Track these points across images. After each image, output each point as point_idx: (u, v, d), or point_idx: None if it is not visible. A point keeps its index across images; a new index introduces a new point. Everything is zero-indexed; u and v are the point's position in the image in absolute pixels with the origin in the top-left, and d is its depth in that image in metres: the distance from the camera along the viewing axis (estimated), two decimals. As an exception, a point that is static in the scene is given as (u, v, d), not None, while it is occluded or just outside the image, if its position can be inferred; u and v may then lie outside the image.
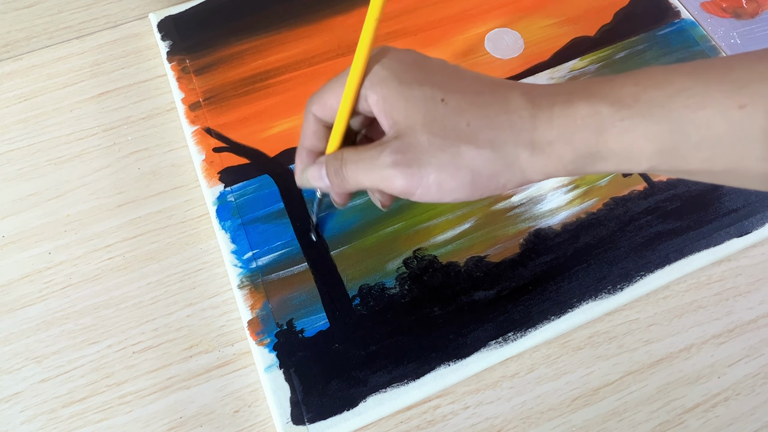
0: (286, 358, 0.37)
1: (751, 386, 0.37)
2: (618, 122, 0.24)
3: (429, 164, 0.26)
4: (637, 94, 0.24)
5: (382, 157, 0.27)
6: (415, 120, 0.26)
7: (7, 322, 0.39)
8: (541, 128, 0.25)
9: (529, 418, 0.37)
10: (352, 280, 0.40)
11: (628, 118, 0.24)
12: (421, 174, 0.26)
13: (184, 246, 0.42)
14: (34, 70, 0.50)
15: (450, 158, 0.26)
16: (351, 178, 0.29)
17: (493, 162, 0.26)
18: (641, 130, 0.24)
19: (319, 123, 0.31)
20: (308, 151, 0.32)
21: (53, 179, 0.45)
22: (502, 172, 0.26)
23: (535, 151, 0.25)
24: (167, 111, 0.48)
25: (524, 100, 0.26)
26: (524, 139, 0.25)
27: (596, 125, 0.24)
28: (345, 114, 0.29)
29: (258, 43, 0.50)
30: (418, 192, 0.27)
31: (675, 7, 0.51)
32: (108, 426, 0.36)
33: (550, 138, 0.25)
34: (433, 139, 0.26)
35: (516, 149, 0.26)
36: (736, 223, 0.41)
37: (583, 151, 0.25)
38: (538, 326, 0.38)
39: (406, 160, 0.26)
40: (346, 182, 0.29)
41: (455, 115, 0.26)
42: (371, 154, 0.28)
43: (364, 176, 0.28)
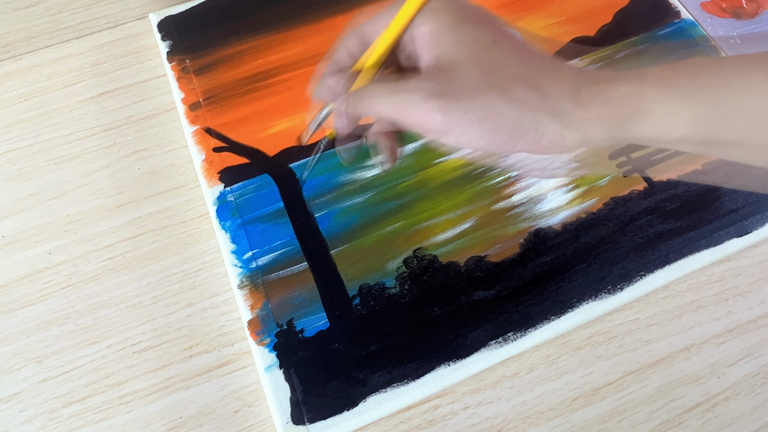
0: (286, 358, 0.37)
1: (751, 386, 0.37)
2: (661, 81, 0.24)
3: (476, 99, 0.25)
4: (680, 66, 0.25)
5: (424, 87, 0.25)
6: (465, 55, 0.26)
7: (7, 322, 0.39)
8: (585, 82, 0.25)
9: (529, 418, 0.37)
10: (352, 279, 0.40)
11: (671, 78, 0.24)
12: (466, 108, 0.24)
13: (184, 246, 0.42)
14: (34, 70, 0.50)
15: (499, 94, 0.25)
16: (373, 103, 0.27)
17: (540, 105, 0.25)
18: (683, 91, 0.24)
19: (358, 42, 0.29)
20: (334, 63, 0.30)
21: (53, 179, 0.45)
22: (545, 120, 0.25)
23: (577, 102, 0.25)
24: (167, 111, 0.48)
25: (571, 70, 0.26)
26: (570, 87, 0.25)
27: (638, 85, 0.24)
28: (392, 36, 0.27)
29: (258, 43, 0.50)
30: (457, 130, 0.25)
31: (675, 7, 0.51)
32: (108, 426, 0.36)
33: (592, 92, 0.25)
34: (483, 74, 0.25)
35: (561, 96, 0.25)
36: (736, 223, 0.41)
37: (622, 109, 0.25)
38: (538, 326, 0.38)
39: (453, 91, 0.25)
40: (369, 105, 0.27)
41: (505, 57, 0.26)
42: (407, 85, 0.26)
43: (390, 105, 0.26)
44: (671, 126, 0.24)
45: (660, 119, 0.24)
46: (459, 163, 0.44)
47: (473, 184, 0.43)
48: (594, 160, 0.44)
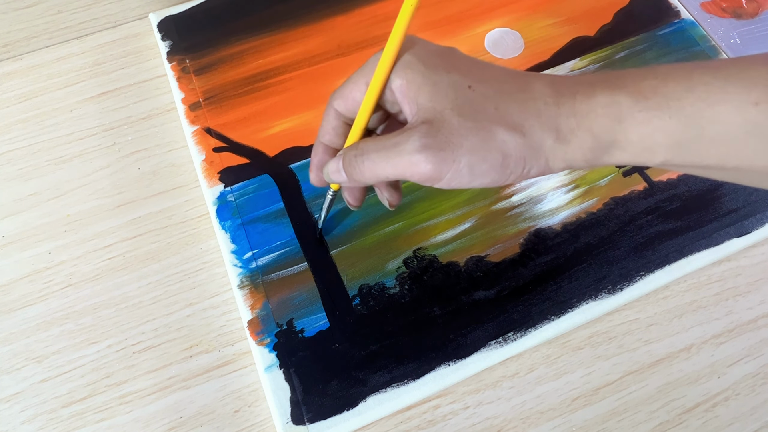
0: (286, 358, 0.37)
1: (751, 386, 0.37)
2: (636, 113, 0.24)
3: (461, 146, 0.26)
4: (656, 87, 0.25)
5: (410, 141, 0.26)
6: (444, 104, 0.26)
7: (7, 322, 0.39)
8: (564, 116, 0.26)
9: (529, 418, 0.37)
10: (352, 279, 0.40)
11: (646, 110, 0.24)
12: (453, 157, 0.26)
13: (184, 246, 0.42)
14: (34, 70, 0.50)
15: (482, 140, 0.26)
16: (369, 169, 0.28)
17: (522, 145, 0.26)
18: (658, 123, 0.24)
19: (339, 118, 0.31)
20: (325, 147, 0.32)
21: (53, 179, 0.45)
22: (529, 157, 0.26)
23: (558, 138, 0.26)
24: (167, 111, 0.48)
25: (548, 89, 0.26)
26: (550, 125, 0.26)
27: (615, 115, 0.25)
28: (371, 100, 0.29)
29: (258, 43, 0.50)
30: (447, 177, 0.26)
31: (675, 7, 0.51)
32: (108, 426, 0.36)
33: (572, 126, 0.26)
34: (464, 121, 0.26)
35: (542, 134, 0.26)
36: (736, 223, 0.41)
37: (602, 139, 0.25)
38: (538, 326, 0.38)
39: (437, 143, 0.26)
40: (363, 174, 0.29)
41: (483, 100, 0.26)
42: (395, 140, 0.27)
43: (385, 165, 0.27)
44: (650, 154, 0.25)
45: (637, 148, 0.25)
46: (459, 163, 0.44)
47: (473, 184, 0.43)
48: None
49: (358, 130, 0.30)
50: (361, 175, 0.29)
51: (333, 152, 0.32)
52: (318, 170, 0.33)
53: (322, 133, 0.32)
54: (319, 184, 0.34)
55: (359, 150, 0.29)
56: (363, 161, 0.28)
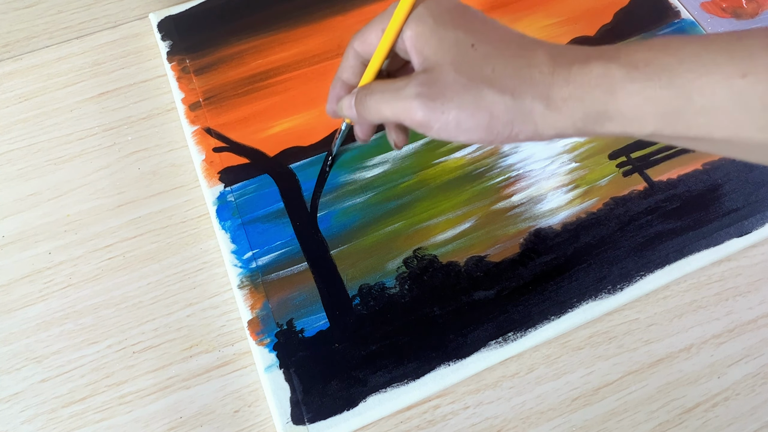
0: (286, 358, 0.37)
1: (751, 386, 0.37)
2: (628, 84, 0.25)
3: (451, 101, 0.27)
4: (649, 59, 0.25)
5: (408, 87, 0.28)
6: (444, 59, 0.28)
7: (7, 322, 0.39)
8: (557, 85, 0.26)
9: (529, 418, 0.37)
10: (352, 279, 0.40)
11: (638, 80, 0.25)
12: (442, 109, 0.27)
13: (184, 246, 0.42)
14: (34, 70, 0.50)
15: (472, 98, 0.27)
16: (374, 107, 0.31)
17: (511, 109, 0.27)
18: (648, 93, 0.25)
19: (357, 58, 0.33)
20: (343, 83, 0.35)
21: (53, 179, 0.45)
22: (517, 121, 0.27)
23: (549, 106, 0.27)
24: (167, 111, 0.48)
25: (547, 57, 0.27)
26: (541, 93, 0.27)
27: (607, 85, 0.26)
28: (385, 47, 0.31)
29: (258, 43, 0.50)
30: (436, 127, 0.28)
31: (675, 7, 0.51)
32: (108, 426, 0.36)
33: (564, 95, 0.26)
34: (459, 77, 0.27)
35: (533, 101, 0.27)
36: (736, 223, 0.41)
37: (592, 109, 0.26)
38: (538, 326, 0.38)
39: (431, 93, 0.28)
40: (369, 111, 0.31)
41: (482, 60, 0.28)
42: (397, 85, 0.29)
43: (386, 106, 0.30)
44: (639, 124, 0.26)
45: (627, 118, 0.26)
46: (459, 163, 0.44)
47: (473, 184, 0.43)
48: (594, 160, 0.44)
49: (371, 72, 0.33)
50: (367, 113, 0.31)
51: (349, 88, 0.34)
52: (333, 103, 0.35)
53: (340, 70, 0.34)
54: (333, 115, 0.36)
55: (368, 90, 0.31)
56: (369, 100, 0.31)
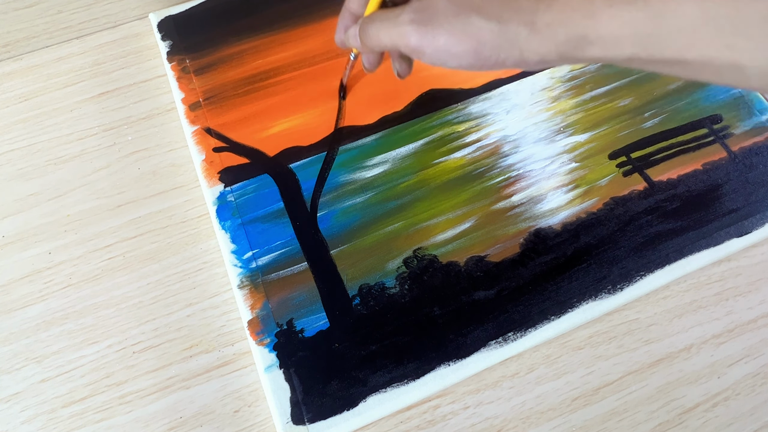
0: (286, 358, 0.37)
1: (751, 386, 0.37)
2: (607, 8, 0.26)
3: (441, 26, 0.29)
4: None
5: (403, 14, 0.31)
6: None
7: (7, 322, 0.39)
8: (541, 11, 0.28)
9: (529, 418, 0.37)
10: (351, 279, 0.40)
11: (616, 4, 0.26)
12: (433, 34, 0.29)
13: (184, 246, 0.42)
14: (34, 70, 0.50)
15: (460, 24, 0.29)
16: (374, 35, 0.33)
17: (497, 35, 0.28)
18: (626, 16, 0.26)
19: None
20: (350, 13, 0.37)
21: (53, 179, 0.45)
22: (503, 47, 0.29)
23: (532, 31, 0.28)
24: (167, 111, 0.48)
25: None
26: (526, 19, 0.28)
27: (587, 9, 0.27)
28: None
29: (258, 43, 0.50)
30: (428, 51, 0.30)
31: (675, 7, 0.51)
32: (108, 426, 0.37)
33: (547, 20, 0.28)
34: (449, 5, 0.29)
35: (518, 27, 0.28)
36: (736, 223, 0.41)
37: (573, 33, 0.27)
38: (538, 326, 0.38)
39: (422, 18, 0.30)
40: (370, 40, 0.33)
41: None
42: (395, 13, 0.31)
43: (385, 33, 0.32)
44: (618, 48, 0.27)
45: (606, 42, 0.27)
46: (459, 163, 0.44)
47: (473, 184, 0.43)
48: (594, 160, 0.44)
49: (375, 1, 0.35)
50: (368, 41, 0.33)
51: (355, 19, 0.36)
52: (341, 32, 0.38)
53: (348, 1, 0.37)
54: (341, 45, 0.38)
55: (369, 19, 0.33)
56: (370, 28, 0.33)
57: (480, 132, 0.45)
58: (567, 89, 0.47)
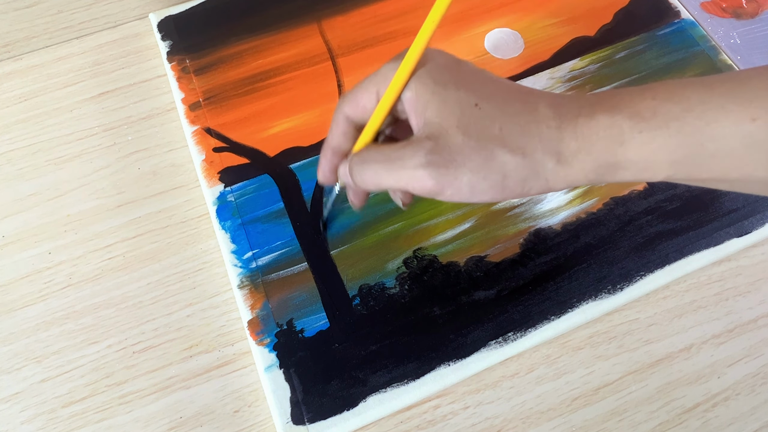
0: (286, 358, 0.37)
1: (751, 386, 0.37)
2: (636, 135, 0.25)
3: (463, 165, 0.27)
4: (655, 107, 0.25)
5: (415, 157, 0.27)
6: (450, 121, 0.27)
7: (7, 322, 0.39)
8: (566, 140, 0.26)
9: (529, 418, 0.37)
10: (352, 279, 0.40)
11: (646, 131, 0.25)
12: (455, 175, 0.27)
13: (184, 246, 0.42)
14: (34, 70, 0.50)
15: (484, 160, 0.27)
16: (372, 178, 0.29)
17: (523, 167, 0.27)
18: (658, 143, 0.25)
19: (349, 123, 0.31)
20: (333, 150, 0.32)
21: (53, 179, 0.45)
22: (529, 178, 0.27)
23: (559, 161, 0.27)
24: (167, 111, 0.48)
25: (551, 111, 0.27)
26: (551, 149, 0.26)
27: (616, 137, 0.26)
28: (383, 111, 0.29)
29: (258, 43, 0.50)
30: (449, 192, 0.27)
31: (675, 7, 0.51)
32: (108, 426, 0.37)
33: (573, 149, 0.26)
34: (468, 140, 0.27)
35: (543, 157, 0.27)
36: (736, 223, 0.41)
37: (603, 161, 0.26)
38: (538, 326, 0.38)
39: (441, 161, 0.27)
40: (366, 182, 0.30)
41: (488, 119, 0.27)
42: (399, 153, 0.28)
43: (388, 176, 0.28)
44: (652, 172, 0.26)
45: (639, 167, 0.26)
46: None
47: (473, 184, 0.43)
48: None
49: (367, 137, 0.31)
50: (363, 183, 0.30)
51: (342, 155, 0.32)
52: (326, 171, 0.33)
53: (330, 137, 0.32)
54: (325, 183, 0.34)
55: (363, 158, 0.29)
56: (366, 170, 0.29)
57: (480, 132, 0.45)
58: (567, 89, 0.47)
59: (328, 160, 0.33)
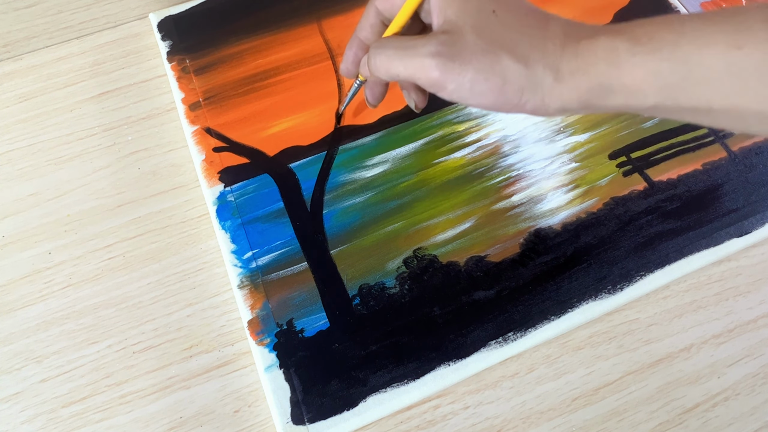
0: (286, 358, 0.37)
1: (751, 386, 0.37)
2: (631, 57, 0.26)
3: (469, 63, 0.28)
4: (652, 33, 0.26)
5: (427, 45, 0.29)
6: (466, 22, 0.29)
7: (7, 322, 0.39)
8: (567, 57, 0.28)
9: (529, 418, 0.37)
10: (351, 279, 0.40)
11: (640, 54, 0.26)
12: (459, 71, 0.28)
13: (184, 246, 0.42)
14: (34, 70, 0.50)
15: (489, 62, 0.28)
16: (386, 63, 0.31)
17: (523, 76, 0.28)
18: (650, 67, 0.26)
19: (378, 17, 0.33)
20: (360, 42, 0.35)
21: (53, 179, 0.45)
22: (527, 89, 0.28)
23: (557, 78, 0.28)
24: (167, 111, 0.48)
25: (560, 31, 0.28)
26: (552, 64, 0.28)
27: (612, 59, 0.27)
28: (412, 4, 0.31)
29: (258, 43, 0.50)
30: (451, 87, 0.29)
31: (675, 7, 0.51)
32: (108, 426, 0.37)
33: (572, 68, 0.27)
34: (479, 41, 0.28)
35: (544, 72, 0.28)
36: (736, 223, 0.41)
37: (596, 82, 0.27)
38: (538, 326, 0.38)
39: (450, 53, 0.28)
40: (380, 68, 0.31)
41: (502, 27, 0.29)
42: (415, 42, 0.29)
43: (400, 63, 0.30)
44: (641, 97, 0.27)
45: (630, 91, 0.27)
46: (459, 163, 0.44)
47: (473, 184, 0.43)
48: (594, 160, 0.44)
49: (392, 31, 0.33)
50: (376, 69, 0.31)
51: (365, 48, 0.34)
52: (349, 62, 0.36)
53: (359, 29, 0.34)
54: (347, 75, 0.36)
55: (381, 44, 0.31)
56: (380, 55, 0.31)
57: (480, 132, 0.45)
58: (567, 89, 0.47)
59: (353, 52, 0.35)
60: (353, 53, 0.35)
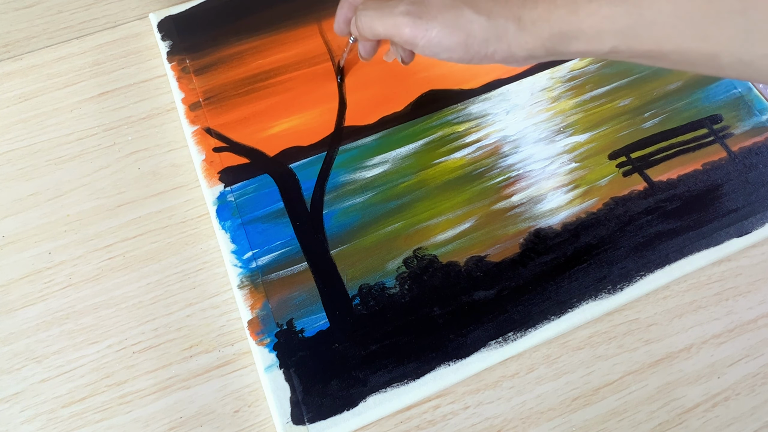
0: (286, 358, 0.37)
1: (751, 386, 0.37)
2: (587, 4, 0.28)
3: (434, 19, 0.30)
4: None
5: (399, 6, 0.31)
6: None
7: (7, 322, 0.39)
8: (528, 7, 0.29)
9: (529, 418, 0.37)
10: (351, 279, 0.40)
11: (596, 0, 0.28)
12: (427, 26, 0.30)
13: (184, 246, 0.42)
14: (34, 70, 0.50)
15: (453, 17, 0.30)
16: (369, 24, 0.33)
17: (487, 29, 0.30)
18: (605, 12, 0.28)
19: None
20: (349, 3, 0.38)
21: (53, 179, 0.45)
22: (492, 41, 0.30)
23: (520, 26, 0.29)
24: (167, 111, 0.48)
25: None
26: (514, 14, 0.29)
27: (571, 6, 0.28)
28: None
29: (258, 43, 0.50)
30: (421, 43, 0.31)
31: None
32: (108, 426, 0.37)
33: (533, 17, 0.29)
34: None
35: (506, 22, 0.30)
36: (736, 223, 0.41)
37: (557, 30, 0.29)
38: (538, 326, 0.38)
39: (417, 11, 0.31)
40: (364, 29, 0.34)
41: None
42: (390, 4, 0.32)
43: (379, 23, 0.33)
44: (599, 42, 0.28)
45: (588, 36, 0.28)
46: (459, 163, 0.44)
47: (473, 184, 0.43)
48: (594, 160, 0.44)
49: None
50: (362, 29, 0.34)
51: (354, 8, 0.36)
52: (339, 23, 0.39)
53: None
54: (339, 33, 0.40)
55: (365, 7, 0.34)
56: (364, 16, 0.34)
57: (480, 132, 0.45)
58: (567, 89, 0.47)
59: (343, 12, 0.39)
60: (343, 13, 0.39)
